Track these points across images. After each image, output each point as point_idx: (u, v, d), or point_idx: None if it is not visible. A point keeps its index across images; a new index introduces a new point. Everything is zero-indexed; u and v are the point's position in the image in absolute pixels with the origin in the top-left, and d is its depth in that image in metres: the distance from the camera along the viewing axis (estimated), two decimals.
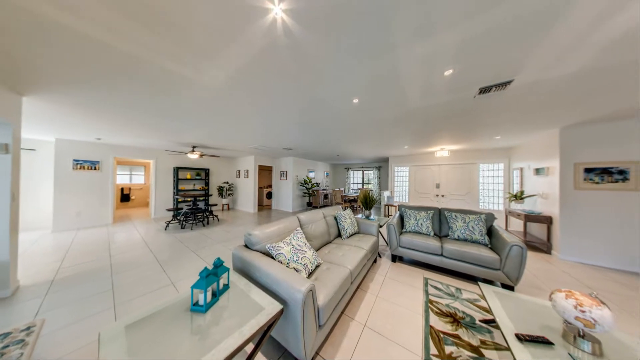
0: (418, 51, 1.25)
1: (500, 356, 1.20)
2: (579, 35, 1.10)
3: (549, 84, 1.64)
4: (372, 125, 2.91)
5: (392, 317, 1.56)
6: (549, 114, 2.32)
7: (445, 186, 5.51)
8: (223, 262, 1.18)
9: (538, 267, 2.50)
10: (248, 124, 2.90)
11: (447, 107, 2.19)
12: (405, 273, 2.31)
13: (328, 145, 4.68)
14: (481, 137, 3.60)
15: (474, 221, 2.33)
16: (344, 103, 2.10)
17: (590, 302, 0.90)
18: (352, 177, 9.56)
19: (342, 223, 2.50)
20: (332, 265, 1.63)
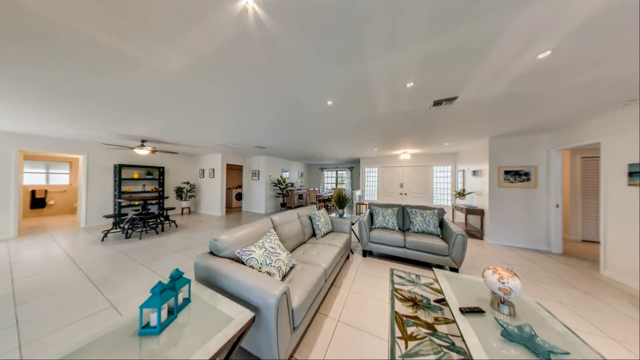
0: (385, 63, 1.37)
1: (449, 329, 1.43)
2: (499, 67, 1.40)
3: (481, 102, 2.03)
4: (345, 127, 3.04)
5: (363, 309, 1.66)
6: (482, 126, 2.88)
7: (408, 185, 6.20)
8: (183, 274, 1.04)
9: (474, 251, 3.07)
10: (215, 118, 2.64)
11: (408, 115, 2.47)
12: (375, 266, 2.49)
13: (303, 145, 4.67)
14: (435, 143, 4.19)
15: (430, 216, 2.69)
16: (318, 104, 2.13)
17: (507, 275, 1.16)
18: (326, 177, 9.77)
19: (316, 222, 2.53)
20: (306, 265, 1.63)
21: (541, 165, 3.21)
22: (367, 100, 2.00)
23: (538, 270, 2.43)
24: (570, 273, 2.36)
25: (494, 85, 1.68)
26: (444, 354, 1.22)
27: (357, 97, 1.93)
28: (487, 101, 2.01)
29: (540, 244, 3.19)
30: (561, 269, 2.46)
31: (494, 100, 1.97)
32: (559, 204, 3.04)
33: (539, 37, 1.12)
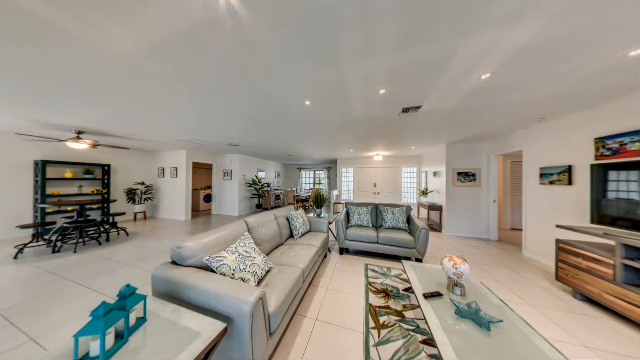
0: (360, 69, 1.45)
1: (415, 313, 1.59)
2: (453, 83, 1.63)
3: (440, 112, 2.32)
4: (322, 128, 3.08)
5: (340, 305, 1.72)
6: (440, 133, 3.30)
7: (380, 185, 6.66)
8: (135, 290, 0.90)
9: (435, 242, 3.49)
10: (178, 111, 2.35)
11: (381, 120, 2.66)
12: (351, 263, 2.60)
13: (280, 144, 4.55)
14: (403, 146, 4.61)
15: (399, 213, 2.95)
16: (296, 103, 2.10)
17: (459, 261, 1.36)
18: (304, 177, 9.74)
19: (294, 223, 2.50)
20: (284, 268, 1.59)
21: (483, 168, 3.86)
22: (344, 103, 2.07)
23: (480, 255, 2.92)
24: (503, 255, 2.90)
25: (449, 99, 1.95)
26: (411, 336, 1.36)
27: (334, 99, 1.98)
28: (444, 112, 2.31)
29: (482, 233, 3.83)
30: (496, 253, 3.01)
31: (449, 111, 2.28)
32: (495, 199, 3.70)
33: (481, 61, 1.34)
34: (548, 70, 1.44)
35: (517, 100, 1.97)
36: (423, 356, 1.21)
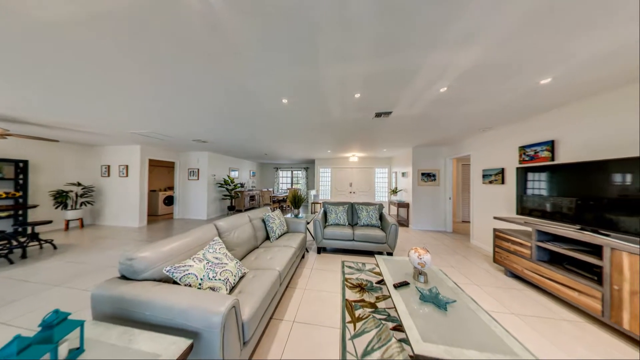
0: (337, 72, 1.49)
1: (387, 303, 1.72)
2: (418, 93, 1.82)
3: (408, 119, 2.57)
4: (300, 128, 3.06)
5: (318, 304, 1.73)
6: (408, 137, 3.64)
7: (356, 185, 6.98)
8: (68, 315, 0.73)
9: (403, 236, 3.85)
10: (129, 99, 2.00)
11: (356, 123, 2.78)
12: (328, 261, 2.65)
13: (255, 143, 4.32)
14: (376, 148, 4.93)
15: (373, 211, 3.14)
16: (273, 101, 2.03)
17: (423, 252, 1.53)
18: (281, 177, 9.49)
19: (270, 225, 2.41)
20: (259, 272, 1.52)
21: (442, 169, 4.43)
22: (323, 104, 2.10)
23: (439, 245, 3.34)
24: (456, 244, 3.38)
25: (415, 107, 2.17)
26: (383, 325, 1.46)
27: (313, 99, 1.99)
28: (411, 118, 2.56)
29: (441, 226, 4.40)
30: (451, 243, 3.49)
31: (416, 118, 2.54)
32: (450, 196, 4.29)
33: (440, 76, 1.54)
34: (490, 88, 1.74)
35: (467, 112, 2.33)
36: (393, 342, 1.31)
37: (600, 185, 1.60)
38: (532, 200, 2.17)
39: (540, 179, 2.09)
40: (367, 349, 1.26)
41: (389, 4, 0.93)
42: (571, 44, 1.17)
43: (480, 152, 3.33)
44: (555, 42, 1.16)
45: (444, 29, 1.07)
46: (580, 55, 1.27)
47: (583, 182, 1.71)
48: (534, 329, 1.45)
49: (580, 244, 1.72)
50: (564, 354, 1.25)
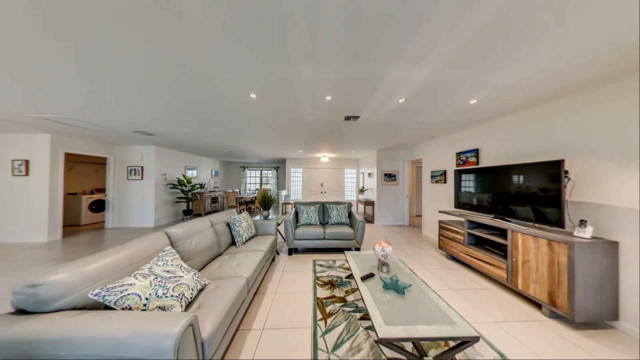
0: (309, 73, 1.49)
1: (355, 296, 1.83)
2: (381, 102, 2.02)
3: (373, 124, 2.80)
4: (271, 126, 2.93)
5: (289, 307, 1.70)
6: (373, 141, 3.98)
7: (327, 184, 7.17)
8: None
9: (369, 232, 4.18)
10: (37, 73, 1.49)
11: (328, 124, 2.86)
12: (300, 261, 2.63)
13: (219, 139, 3.91)
14: (346, 150, 5.19)
15: (342, 209, 3.29)
16: (240, 95, 1.88)
17: (385, 245, 1.70)
18: (249, 177, 8.88)
19: (236, 229, 2.22)
20: (223, 281, 1.38)
21: (400, 170, 5.02)
22: (294, 103, 2.07)
23: (399, 238, 3.78)
24: (411, 236, 3.90)
25: (378, 114, 2.38)
26: (351, 317, 1.55)
27: (284, 98, 1.94)
28: (376, 124, 2.80)
29: (400, 221, 4.98)
30: (409, 235, 4.00)
31: (380, 124, 2.80)
32: (407, 194, 4.92)
33: (399, 88, 1.74)
34: (435, 103, 2.07)
35: (419, 122, 2.71)
36: (360, 330, 1.41)
37: (505, 184, 2.13)
38: (465, 196, 2.70)
39: (469, 179, 2.62)
40: (337, 342, 1.31)
41: (356, 16, 0.99)
42: (490, 76, 1.52)
43: (429, 156, 3.93)
44: (480, 73, 1.48)
45: (402, 49, 1.22)
46: (496, 84, 1.65)
47: (495, 181, 2.25)
48: (465, 299, 1.81)
49: (494, 229, 2.24)
50: (483, 314, 1.60)
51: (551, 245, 1.58)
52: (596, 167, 1.61)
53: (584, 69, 1.40)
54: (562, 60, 1.31)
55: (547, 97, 1.85)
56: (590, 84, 1.60)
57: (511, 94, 1.83)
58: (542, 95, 1.82)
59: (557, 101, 1.87)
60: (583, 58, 1.28)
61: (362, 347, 1.28)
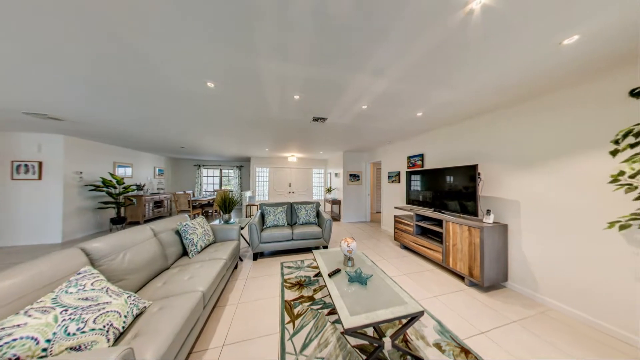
0: (278, 68, 1.44)
1: (323, 293, 1.88)
2: (347, 106, 2.15)
3: (340, 126, 2.95)
4: (233, 121, 2.67)
5: (254, 316, 1.59)
6: (340, 142, 4.18)
7: (295, 185, 7.09)
8: None
9: (336, 230, 4.37)
10: None
11: (296, 124, 2.83)
12: (267, 265, 2.50)
13: (164, 132, 3.28)
14: (314, 150, 5.26)
15: (311, 209, 3.32)
16: (193, 81, 1.63)
17: (350, 240, 1.82)
18: (206, 177, 7.82)
19: (189, 236, 1.93)
20: (170, 300, 1.17)
21: (363, 171, 5.46)
22: (260, 98, 1.95)
23: (362, 233, 4.11)
24: (372, 231, 4.31)
25: (345, 117, 2.53)
26: (319, 314, 1.59)
27: (248, 91, 1.80)
28: (342, 127, 2.96)
29: (362, 218, 5.42)
30: (370, 230, 4.40)
31: (346, 127, 2.97)
32: (369, 193, 5.40)
33: (362, 95, 1.89)
34: (392, 112, 2.35)
35: (379, 127, 3.02)
36: (328, 325, 1.46)
37: (441, 183, 2.62)
38: (413, 194, 3.18)
39: (417, 179, 3.10)
40: (305, 342, 1.31)
41: (325, 23, 1.02)
42: (431, 93, 1.84)
43: (387, 159, 4.44)
44: (424, 90, 1.77)
45: (365, 60, 1.33)
46: (435, 101, 2.01)
47: (434, 181, 2.74)
48: (413, 281, 2.14)
49: (434, 220, 2.72)
50: (426, 291, 1.93)
51: (470, 230, 2.04)
52: (496, 170, 2.19)
53: (489, 97, 1.88)
54: (477, 89, 1.72)
55: (469, 115, 2.39)
56: (497, 107, 2.16)
57: (446, 111, 2.27)
58: (466, 113, 2.33)
59: (476, 119, 2.44)
60: (487, 89, 1.72)
61: (330, 341, 1.33)
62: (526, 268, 1.90)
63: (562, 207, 1.67)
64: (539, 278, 1.81)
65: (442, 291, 1.95)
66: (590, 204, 1.51)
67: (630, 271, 1.33)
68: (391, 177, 4.23)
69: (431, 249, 2.53)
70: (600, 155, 1.46)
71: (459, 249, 2.15)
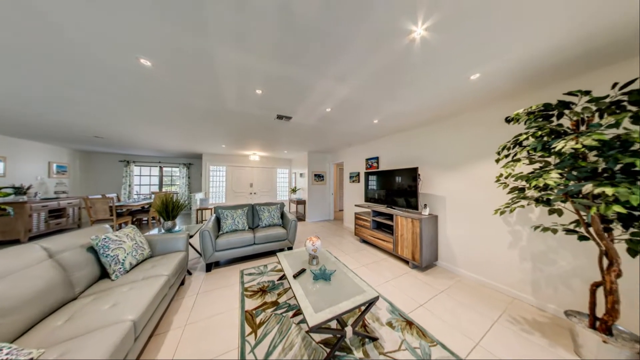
0: (236, 57, 1.31)
1: (288, 295, 1.84)
2: (312, 108, 2.18)
3: (305, 127, 2.96)
4: (178, 110, 2.25)
5: (207, 335, 1.39)
6: (305, 142, 4.19)
7: (257, 185, 6.63)
8: None
9: (301, 230, 4.36)
10: None
11: (258, 120, 2.65)
12: (223, 276, 2.24)
13: (72, 114, 2.42)
14: (278, 149, 5.07)
15: (274, 210, 3.19)
16: (119, 56, 1.28)
17: (315, 239, 1.85)
18: (139, 177, 6.27)
19: (110, 253, 1.50)
20: (77, 342, 0.88)
21: (327, 171, 5.68)
22: (214, 87, 1.72)
23: (326, 231, 4.27)
24: (336, 228, 4.54)
25: (310, 118, 2.55)
26: (284, 317, 1.54)
27: (199, 77, 1.55)
28: (307, 127, 2.98)
29: (327, 216, 5.63)
30: (333, 227, 4.61)
31: (311, 127, 3.00)
32: (332, 192, 5.66)
33: (327, 98, 1.96)
34: (353, 117, 2.54)
35: (342, 131, 3.21)
36: (293, 328, 1.44)
37: (392, 182, 3.04)
38: (371, 192, 3.54)
39: (373, 179, 3.48)
40: (269, 350, 1.25)
41: (291, 21, 1.00)
42: (385, 104, 2.10)
43: (348, 160, 4.77)
44: (380, 100, 2.00)
45: (329, 65, 1.39)
46: (388, 111, 2.30)
47: (387, 181, 3.14)
48: (371, 270, 2.39)
49: (387, 215, 3.12)
50: (380, 278, 2.19)
51: (412, 222, 2.45)
52: (431, 172, 2.71)
53: (428, 112, 2.31)
54: (419, 104, 2.08)
55: (414, 126, 2.86)
56: (434, 120, 2.66)
57: (397, 120, 2.63)
58: (412, 124, 2.77)
59: (419, 129, 2.94)
60: (426, 105, 2.10)
61: (295, 343, 1.31)
62: (449, 249, 2.44)
63: (470, 201, 2.23)
64: (457, 255, 2.36)
65: (393, 276, 2.26)
66: (485, 197, 2.09)
67: (506, 243, 1.92)
68: (352, 177, 4.57)
69: (385, 241, 2.89)
70: (491, 162, 2.03)
71: (405, 238, 2.55)
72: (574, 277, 1.54)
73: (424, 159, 2.81)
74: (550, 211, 1.38)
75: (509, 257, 1.90)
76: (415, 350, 1.27)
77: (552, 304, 1.64)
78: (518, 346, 1.31)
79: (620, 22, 1.03)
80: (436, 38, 1.13)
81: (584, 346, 1.21)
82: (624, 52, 1.26)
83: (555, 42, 1.17)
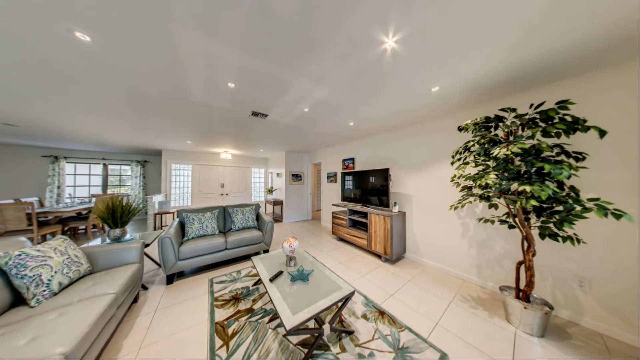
0: (203, 44, 1.19)
1: (264, 299, 1.76)
2: (289, 107, 2.14)
3: (281, 125, 2.88)
4: (129, 97, 1.92)
5: (169, 355, 1.23)
6: (282, 142, 4.08)
7: (229, 185, 6.15)
8: None
9: (278, 231, 4.24)
10: None
11: (230, 116, 2.47)
12: (188, 287, 2.01)
13: None
14: (253, 147, 4.82)
15: (249, 212, 3.01)
16: (39, 23, 1.02)
17: (293, 240, 1.82)
18: (72, 176, 5.10)
19: (27, 273, 1.20)
20: None
21: (305, 171, 5.66)
22: (176, 75, 1.53)
23: (304, 231, 4.25)
24: (314, 228, 4.56)
25: (287, 117, 2.50)
26: (259, 324, 1.47)
27: (156, 62, 1.36)
28: (284, 126, 2.91)
29: (305, 216, 5.61)
30: (311, 227, 4.62)
31: (288, 127, 2.94)
32: (310, 192, 5.67)
33: (304, 98, 1.95)
34: (330, 118, 2.59)
35: (320, 131, 3.24)
36: (269, 334, 1.39)
37: (367, 182, 3.21)
38: (347, 192, 3.68)
39: (350, 179, 3.62)
40: None
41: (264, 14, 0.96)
42: (359, 108, 2.20)
43: (326, 161, 4.85)
44: (354, 104, 2.09)
45: (307, 63, 1.39)
46: (362, 115, 2.43)
47: (362, 181, 3.31)
48: (347, 267, 2.48)
49: (362, 213, 3.29)
50: (356, 273, 2.30)
51: (384, 219, 2.64)
52: (400, 172, 2.97)
53: (398, 117, 2.52)
54: (390, 110, 2.25)
55: (387, 129, 3.08)
56: (403, 125, 2.90)
57: (370, 123, 2.80)
58: (384, 128, 2.98)
59: (390, 133, 3.18)
60: (395, 111, 2.30)
61: (271, 349, 1.27)
62: (415, 241, 2.72)
63: (432, 198, 2.53)
64: (421, 247, 2.64)
65: (367, 270, 2.39)
66: (443, 195, 2.40)
67: (458, 234, 2.25)
68: (330, 177, 4.66)
69: (360, 237, 3.04)
70: (447, 165, 2.34)
71: (378, 234, 2.73)
72: (505, 258, 1.90)
73: (395, 161, 3.06)
74: (489, 205, 1.68)
75: (460, 246, 2.22)
76: (386, 337, 1.37)
77: (491, 282, 1.99)
78: (468, 321, 1.54)
79: (537, 56, 1.31)
80: (405, 51, 1.24)
81: (512, 313, 1.51)
82: (544, 79, 1.62)
83: (492, 67, 1.42)
